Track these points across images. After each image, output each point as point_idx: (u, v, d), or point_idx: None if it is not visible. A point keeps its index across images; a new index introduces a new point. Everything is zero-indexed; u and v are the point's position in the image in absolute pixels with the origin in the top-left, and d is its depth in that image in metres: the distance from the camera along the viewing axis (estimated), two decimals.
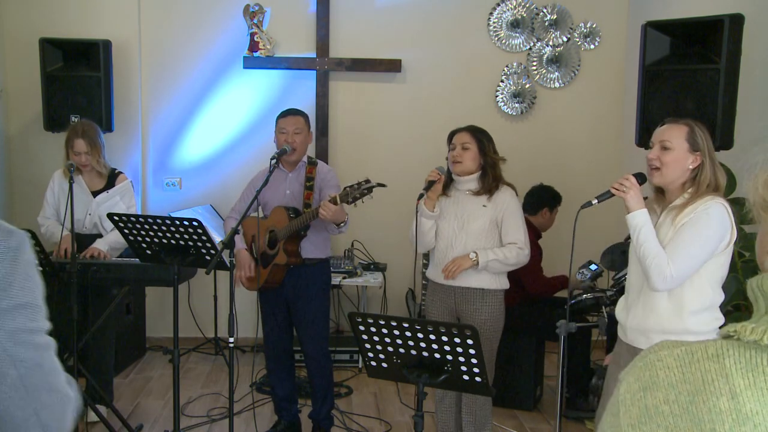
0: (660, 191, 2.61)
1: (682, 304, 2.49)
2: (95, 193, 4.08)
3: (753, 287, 0.96)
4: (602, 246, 4.23)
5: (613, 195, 2.61)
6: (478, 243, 3.33)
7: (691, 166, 2.50)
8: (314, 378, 3.89)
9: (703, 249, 2.43)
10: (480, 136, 3.41)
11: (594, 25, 5.57)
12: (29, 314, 1.04)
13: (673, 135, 2.51)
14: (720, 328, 2.56)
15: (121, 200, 4.11)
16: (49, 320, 1.11)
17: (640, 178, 2.60)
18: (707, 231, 2.42)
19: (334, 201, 3.33)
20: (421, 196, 3.32)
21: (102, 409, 3.95)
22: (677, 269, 2.42)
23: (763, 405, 0.83)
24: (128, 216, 3.35)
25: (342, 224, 3.55)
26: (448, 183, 3.43)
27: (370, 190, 3.26)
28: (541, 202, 4.49)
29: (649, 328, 2.55)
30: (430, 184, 3.32)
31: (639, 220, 2.50)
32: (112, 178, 4.14)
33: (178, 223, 3.25)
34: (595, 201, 2.70)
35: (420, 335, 2.34)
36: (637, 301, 2.60)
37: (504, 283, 3.43)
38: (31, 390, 1.05)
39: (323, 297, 3.86)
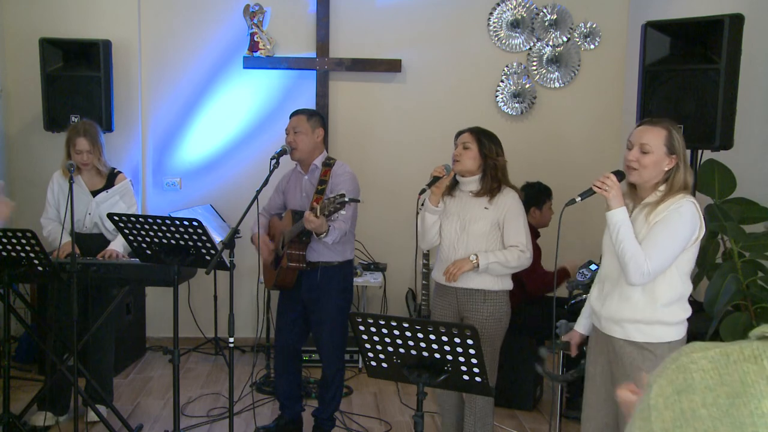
0: (633, 186, 2.72)
1: (655, 296, 2.62)
2: (95, 193, 4.08)
3: None
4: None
5: (595, 192, 2.70)
6: (480, 245, 3.34)
7: (666, 168, 2.62)
8: (326, 380, 3.88)
9: (676, 245, 2.57)
10: (482, 137, 3.40)
11: (594, 25, 5.57)
12: None
13: (652, 138, 2.61)
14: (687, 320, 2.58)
15: (121, 200, 4.11)
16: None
17: (619, 176, 2.69)
18: (680, 228, 2.56)
19: (314, 212, 3.32)
20: (423, 191, 3.32)
21: (102, 409, 3.95)
22: (653, 265, 2.55)
23: None
24: (128, 216, 3.35)
25: (322, 235, 3.48)
26: (453, 183, 3.44)
27: (342, 204, 3.23)
28: (527, 202, 4.51)
29: (623, 318, 2.66)
30: (434, 180, 3.32)
31: (619, 218, 2.63)
32: (111, 178, 4.14)
33: (178, 223, 3.25)
34: (578, 198, 2.78)
35: (420, 335, 2.35)
36: (613, 292, 2.70)
37: (507, 284, 3.43)
38: None
39: (340, 300, 3.80)
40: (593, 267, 4.20)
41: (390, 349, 2.43)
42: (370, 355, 2.50)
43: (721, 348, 0.89)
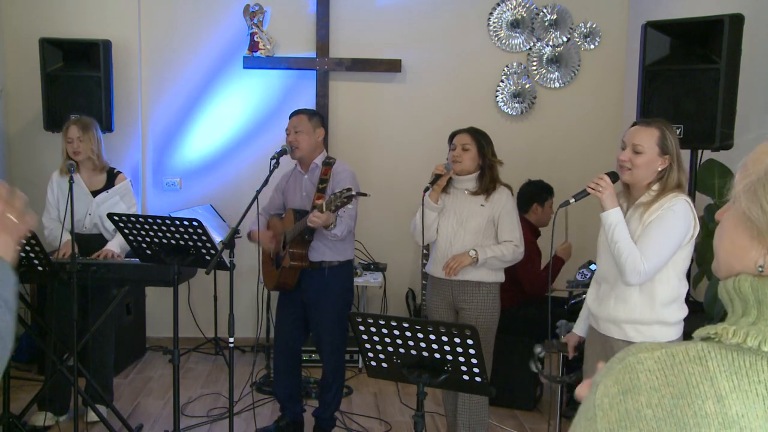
0: (627, 186, 2.74)
1: (653, 296, 2.62)
2: (95, 193, 4.08)
3: (728, 289, 0.95)
4: None
5: (589, 194, 2.72)
6: (476, 240, 3.46)
7: (659, 168, 2.63)
8: (326, 380, 3.89)
9: (671, 243, 2.57)
10: (480, 138, 3.53)
11: (594, 25, 5.57)
12: None
13: (645, 139, 2.63)
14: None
15: (122, 200, 4.11)
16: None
17: (613, 177, 2.70)
18: (674, 226, 2.57)
19: (320, 209, 3.33)
20: (426, 189, 3.44)
21: (102, 409, 3.95)
22: (650, 264, 2.55)
23: (749, 408, 0.83)
24: (128, 216, 3.35)
25: (331, 226, 3.50)
26: (448, 181, 3.53)
27: (349, 198, 3.25)
28: (529, 198, 4.51)
29: (621, 319, 2.66)
30: (436, 178, 3.43)
31: (613, 218, 2.64)
32: (111, 178, 4.14)
33: (178, 223, 3.25)
34: (572, 200, 2.80)
35: (420, 335, 2.35)
36: (610, 292, 2.71)
37: (500, 277, 3.56)
38: None
39: (341, 301, 3.80)
40: (593, 267, 4.21)
41: (390, 349, 2.43)
42: (370, 355, 2.50)
43: (667, 348, 0.90)
